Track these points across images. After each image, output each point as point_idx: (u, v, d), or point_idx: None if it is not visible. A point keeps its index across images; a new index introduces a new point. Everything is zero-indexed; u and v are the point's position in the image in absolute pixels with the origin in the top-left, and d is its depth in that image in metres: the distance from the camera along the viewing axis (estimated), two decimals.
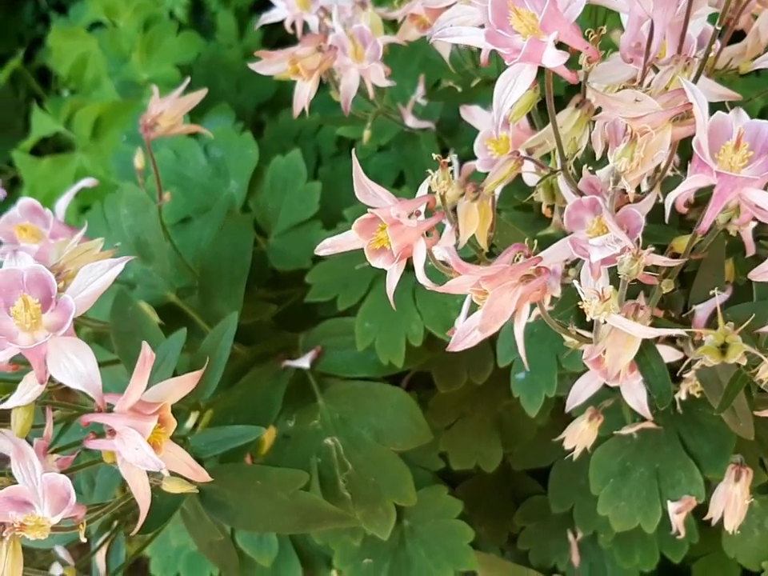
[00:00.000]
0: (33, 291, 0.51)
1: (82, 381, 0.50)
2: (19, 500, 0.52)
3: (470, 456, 1.05)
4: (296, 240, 1.06)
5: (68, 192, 0.82)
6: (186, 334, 0.81)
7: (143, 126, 0.83)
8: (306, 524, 0.86)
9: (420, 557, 1.03)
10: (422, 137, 0.97)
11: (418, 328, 0.87)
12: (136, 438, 0.49)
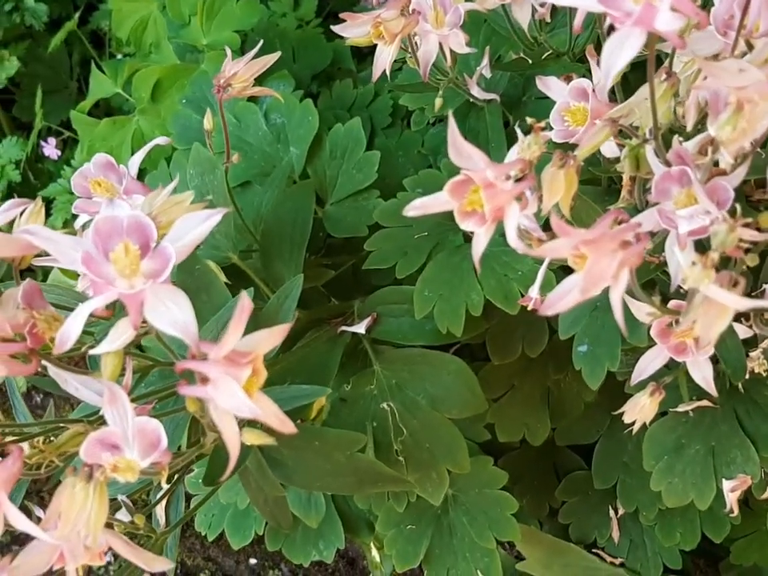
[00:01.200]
0: (132, 238, 0.52)
1: (179, 327, 0.51)
2: (109, 443, 0.54)
3: (517, 429, 1.06)
4: (353, 208, 1.07)
5: (142, 149, 0.83)
6: (252, 294, 0.83)
7: (217, 87, 0.84)
8: (362, 485, 0.87)
9: (462, 525, 1.05)
10: (487, 108, 0.97)
11: (478, 298, 0.87)
12: (231, 386, 0.50)
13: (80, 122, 1.31)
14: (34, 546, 0.58)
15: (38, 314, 0.54)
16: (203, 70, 1.19)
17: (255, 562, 1.77)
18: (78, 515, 0.54)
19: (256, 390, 0.53)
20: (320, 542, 1.16)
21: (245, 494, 1.10)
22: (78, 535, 0.54)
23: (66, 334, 0.50)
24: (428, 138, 1.11)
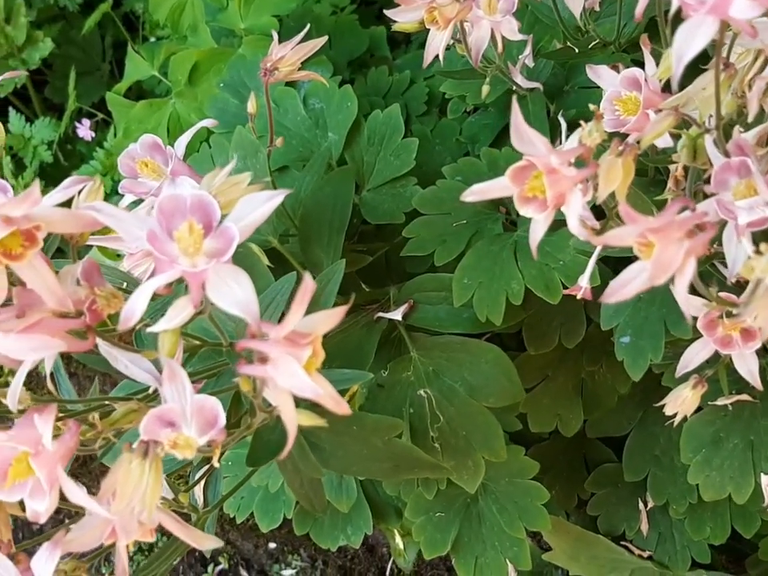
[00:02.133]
0: (195, 217, 0.52)
1: (241, 306, 0.52)
2: (167, 420, 0.54)
3: (549, 419, 1.06)
4: (390, 195, 1.07)
5: (189, 130, 0.83)
6: (295, 278, 0.83)
7: (263, 71, 0.84)
8: (398, 471, 0.88)
9: (492, 514, 1.05)
10: (529, 97, 0.96)
11: (518, 286, 0.87)
12: (292, 366, 0.50)
13: (116, 103, 1.31)
14: (86, 521, 0.59)
15: (99, 290, 0.55)
16: (241, 54, 1.19)
17: (274, 546, 1.78)
18: (133, 491, 0.54)
19: (314, 371, 0.53)
20: (348, 528, 1.17)
21: (276, 477, 1.11)
22: (132, 511, 0.55)
23: (131, 310, 0.51)
24: (466, 127, 1.10)
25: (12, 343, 0.52)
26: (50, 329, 0.55)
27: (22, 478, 0.52)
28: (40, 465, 0.51)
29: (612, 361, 1.03)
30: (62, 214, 0.52)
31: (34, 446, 0.52)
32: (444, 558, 1.73)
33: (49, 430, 0.51)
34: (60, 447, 0.53)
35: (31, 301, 0.56)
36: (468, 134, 1.09)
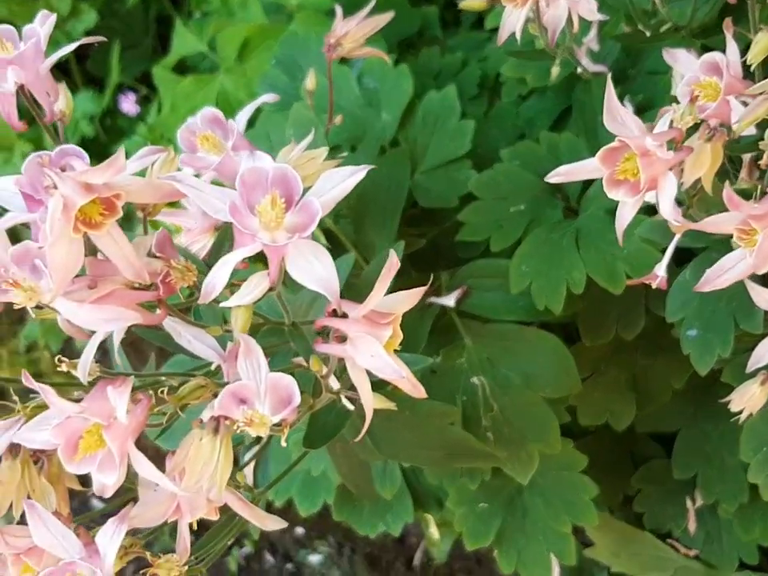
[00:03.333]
0: (276, 191, 0.51)
1: (322, 283, 0.50)
2: (241, 396, 0.53)
3: (600, 413, 1.04)
4: (443, 178, 1.05)
5: (249, 105, 0.82)
6: (353, 260, 0.82)
7: (327, 46, 0.82)
8: (450, 458, 0.86)
9: (537, 507, 1.03)
10: (594, 81, 0.94)
11: (579, 275, 0.85)
12: (372, 346, 0.49)
13: (162, 78, 1.30)
14: (150, 497, 0.58)
15: (175, 263, 0.53)
16: (293, 30, 1.18)
17: (302, 531, 1.77)
18: (203, 468, 0.53)
19: (392, 352, 0.52)
20: (387, 515, 1.16)
21: (319, 461, 1.09)
22: (200, 488, 0.54)
23: (212, 283, 0.50)
24: (523, 110, 1.08)
25: (86, 314, 0.51)
26: (122, 301, 0.54)
27: (92, 451, 0.51)
28: (113, 437, 0.50)
29: (668, 355, 1.01)
30: (141, 183, 0.51)
31: (106, 418, 0.51)
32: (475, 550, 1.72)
33: (124, 403, 0.50)
34: (132, 420, 0.52)
35: (103, 272, 0.55)
36: (525, 117, 1.07)
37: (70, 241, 0.49)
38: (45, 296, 0.51)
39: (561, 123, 1.04)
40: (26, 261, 0.51)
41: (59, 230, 0.48)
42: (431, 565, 1.71)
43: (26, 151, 1.55)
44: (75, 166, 0.50)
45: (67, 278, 0.50)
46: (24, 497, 0.59)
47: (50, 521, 0.55)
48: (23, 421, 0.57)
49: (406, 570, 1.75)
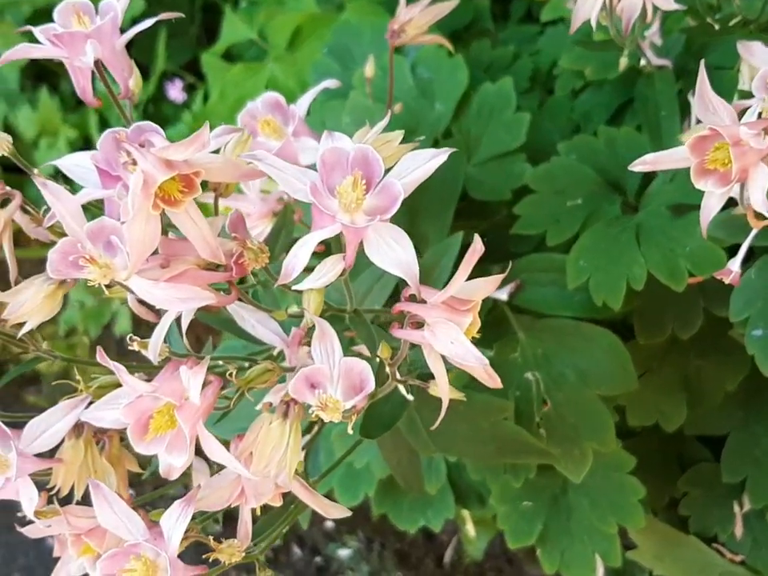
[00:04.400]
0: (356, 172, 0.50)
1: (401, 267, 0.49)
2: (313, 381, 0.52)
3: (650, 413, 1.02)
4: (497, 170, 1.03)
5: (310, 91, 0.81)
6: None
7: (390, 32, 0.81)
8: (502, 454, 0.85)
9: (582, 507, 1.02)
10: (657, 75, 0.92)
11: (640, 271, 0.83)
12: (453, 332, 0.48)
13: (212, 66, 1.30)
14: (214, 480, 0.57)
15: (250, 243, 0.53)
16: (346, 19, 1.17)
17: (332, 525, 1.76)
18: (272, 452, 0.52)
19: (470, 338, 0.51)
20: (428, 511, 1.15)
21: (363, 453, 1.08)
22: (268, 473, 0.53)
23: (292, 264, 0.49)
24: (578, 104, 1.06)
25: (161, 292, 0.50)
26: (194, 281, 0.53)
27: (163, 431, 0.51)
28: (185, 418, 0.50)
29: (722, 356, 0.99)
30: (221, 161, 0.50)
31: (178, 398, 0.50)
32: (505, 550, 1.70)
33: (199, 384, 0.49)
34: (203, 402, 0.51)
35: (175, 251, 0.54)
36: (581, 111, 1.05)
37: (148, 217, 0.48)
38: (119, 273, 0.50)
39: (618, 118, 1.03)
40: (101, 237, 0.51)
41: (139, 206, 0.47)
42: (462, 563, 1.70)
43: (71, 137, 1.56)
44: (155, 142, 0.49)
45: (144, 255, 0.49)
46: (86, 477, 0.59)
47: (116, 501, 0.55)
48: (89, 400, 0.57)
49: (436, 567, 1.74)
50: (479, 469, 1.05)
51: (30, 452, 0.56)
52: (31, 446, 0.56)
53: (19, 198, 0.55)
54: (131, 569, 0.53)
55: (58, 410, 0.56)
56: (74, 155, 0.54)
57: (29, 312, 0.53)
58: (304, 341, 0.63)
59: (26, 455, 0.55)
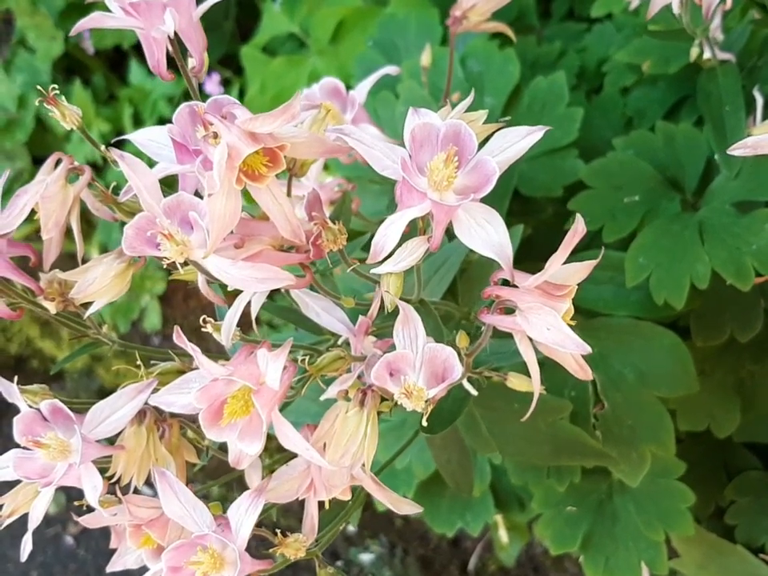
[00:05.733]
0: (446, 149, 0.48)
1: (494, 249, 0.47)
2: (395, 367, 0.50)
3: (702, 418, 0.99)
4: (548, 166, 1.01)
5: (369, 78, 0.79)
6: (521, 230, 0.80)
7: (452, 19, 0.79)
8: (558, 455, 0.82)
9: (628, 513, 0.99)
10: (720, 69, 0.89)
11: (704, 269, 0.81)
12: (550, 318, 0.46)
13: (251, 58, 1.28)
14: (283, 471, 0.55)
15: (332, 224, 0.50)
16: (391, 12, 1.15)
17: (353, 530, 1.73)
18: (349, 442, 0.50)
19: None
20: (467, 514, 1.12)
21: (405, 454, 1.06)
22: (343, 464, 0.51)
23: (381, 243, 0.46)
24: (632, 100, 1.04)
25: (238, 272, 0.48)
26: (270, 262, 0.51)
27: (238, 416, 0.48)
28: (262, 403, 0.47)
29: None
30: (307, 135, 0.48)
31: (255, 382, 0.48)
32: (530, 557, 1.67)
33: (279, 368, 0.47)
34: (281, 386, 0.49)
35: (250, 231, 0.52)
36: (635, 107, 1.03)
37: (230, 193, 0.46)
38: (196, 251, 0.48)
39: (673, 114, 1.00)
40: (178, 214, 0.49)
41: (223, 180, 0.45)
42: (487, 570, 1.67)
43: (104, 130, 1.54)
44: (237, 114, 0.47)
45: (224, 232, 0.47)
46: (148, 465, 0.57)
47: (182, 491, 0.52)
48: (154, 385, 0.55)
49: (460, 573, 1.71)
50: (521, 472, 1.02)
51: (93, 437, 0.54)
52: (94, 431, 0.54)
53: (89, 173, 0.53)
54: (197, 561, 0.51)
55: (123, 395, 0.54)
56: (148, 129, 0.52)
57: (98, 291, 0.51)
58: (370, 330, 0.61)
59: (90, 440, 0.53)
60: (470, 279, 0.81)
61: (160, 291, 1.58)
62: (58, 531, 1.90)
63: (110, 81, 1.69)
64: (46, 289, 0.55)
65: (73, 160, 0.53)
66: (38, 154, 1.67)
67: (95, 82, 1.68)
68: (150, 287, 1.52)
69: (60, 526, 1.89)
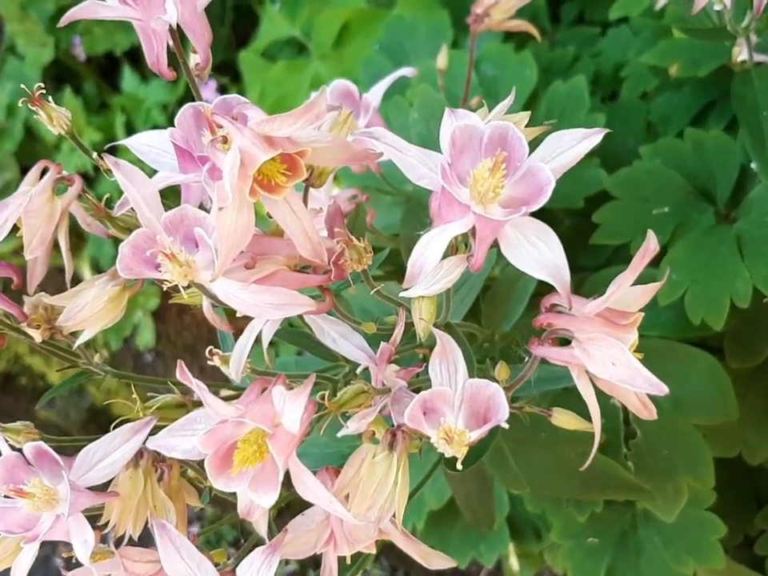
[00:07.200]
0: (490, 155, 0.42)
1: (549, 271, 0.41)
2: (431, 406, 0.43)
3: (733, 443, 0.93)
4: (568, 176, 0.94)
5: (384, 80, 0.73)
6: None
7: (473, 17, 0.73)
8: (588, 489, 0.76)
9: (654, 545, 0.93)
10: (755, 72, 0.84)
11: (745, 287, 0.75)
12: (615, 351, 0.40)
13: (250, 64, 1.22)
14: (299, 522, 0.48)
15: (357, 241, 0.44)
16: (399, 14, 1.09)
17: None
18: (377, 492, 0.44)
19: None
20: (481, 545, 1.06)
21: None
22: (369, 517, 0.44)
23: (419, 264, 0.40)
24: (656, 106, 0.98)
25: (252, 297, 0.42)
26: (285, 284, 0.44)
27: (251, 464, 0.42)
28: (279, 448, 0.41)
29: None
30: (331, 140, 0.41)
31: (270, 424, 0.41)
32: None
33: (300, 409, 0.40)
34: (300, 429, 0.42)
35: (262, 249, 0.45)
36: (659, 113, 0.97)
37: (241, 206, 0.40)
38: (202, 273, 0.42)
39: (701, 120, 0.95)
40: (180, 230, 0.42)
41: (234, 192, 0.39)
42: None
43: (95, 139, 1.48)
44: (251, 116, 0.40)
45: (235, 251, 0.41)
46: (145, 513, 0.50)
47: (184, 545, 0.46)
48: (152, 424, 0.48)
49: None
50: (538, 500, 0.96)
51: (83, 484, 0.47)
52: (85, 477, 0.47)
53: (79, 183, 0.46)
54: None
55: (118, 435, 0.47)
56: (146, 133, 0.46)
57: (89, 318, 0.45)
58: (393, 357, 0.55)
59: (79, 488, 0.46)
60: (494, 298, 0.75)
61: (153, 307, 1.51)
62: (48, 553, 1.83)
63: (102, 88, 1.63)
64: (30, 314, 0.48)
65: (61, 169, 0.47)
66: (26, 164, 1.60)
67: (86, 89, 1.62)
68: (144, 303, 1.45)
69: (50, 548, 1.82)
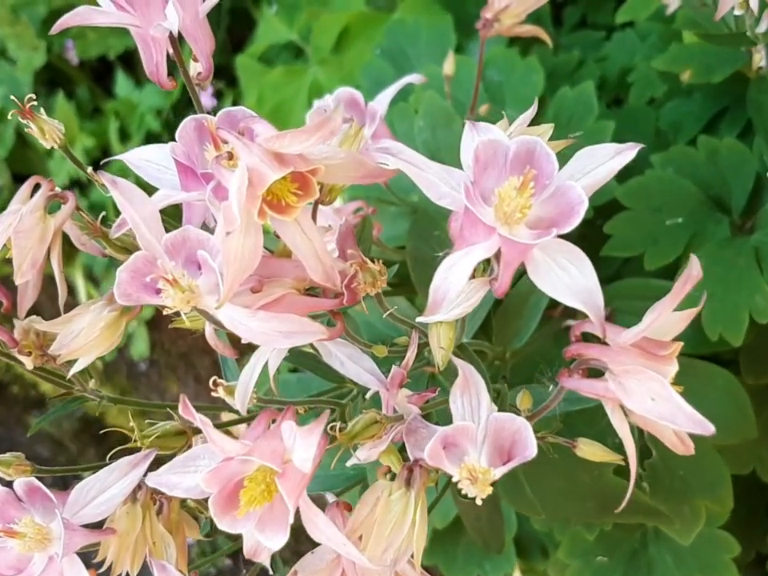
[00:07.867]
0: (516, 172, 0.39)
1: (581, 297, 0.38)
2: (450, 441, 0.40)
3: (747, 459, 0.90)
4: None
5: (390, 88, 0.70)
6: None
7: (482, 21, 0.70)
8: (603, 512, 0.73)
9: (665, 564, 0.90)
10: None
11: (764, 301, 0.73)
12: (654, 385, 0.37)
13: (247, 69, 1.19)
14: (309, 562, 0.45)
15: (371, 263, 0.41)
16: (400, 19, 1.06)
17: None
18: (393, 533, 0.41)
19: None
20: (486, 563, 1.03)
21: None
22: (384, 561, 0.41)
23: (443, 290, 0.37)
24: (665, 113, 0.96)
25: (259, 324, 0.39)
26: (294, 309, 0.41)
27: (259, 504, 0.39)
28: (289, 488, 0.38)
29: None
30: (344, 156, 0.39)
31: (279, 462, 0.38)
32: None
33: (313, 446, 0.37)
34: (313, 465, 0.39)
35: (269, 271, 0.42)
36: (669, 120, 0.94)
37: (248, 228, 0.37)
38: (205, 298, 0.39)
39: (713, 127, 0.92)
40: (182, 252, 0.39)
41: (241, 213, 0.36)
42: None
43: (89, 146, 1.44)
44: (259, 131, 0.37)
45: (242, 276, 0.38)
46: (143, 551, 0.47)
47: None
48: (152, 457, 0.45)
49: None
50: (547, 520, 0.93)
51: (78, 521, 0.44)
52: (80, 515, 0.44)
53: (73, 201, 0.43)
54: None
55: (115, 470, 0.44)
56: (144, 148, 0.43)
57: (84, 346, 0.42)
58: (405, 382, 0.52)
59: (74, 526, 0.43)
60: (506, 313, 0.72)
61: (148, 316, 1.47)
62: None
63: (95, 93, 1.60)
64: (20, 340, 0.45)
65: (54, 185, 0.44)
66: (18, 170, 1.57)
67: (79, 94, 1.59)
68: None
69: None
